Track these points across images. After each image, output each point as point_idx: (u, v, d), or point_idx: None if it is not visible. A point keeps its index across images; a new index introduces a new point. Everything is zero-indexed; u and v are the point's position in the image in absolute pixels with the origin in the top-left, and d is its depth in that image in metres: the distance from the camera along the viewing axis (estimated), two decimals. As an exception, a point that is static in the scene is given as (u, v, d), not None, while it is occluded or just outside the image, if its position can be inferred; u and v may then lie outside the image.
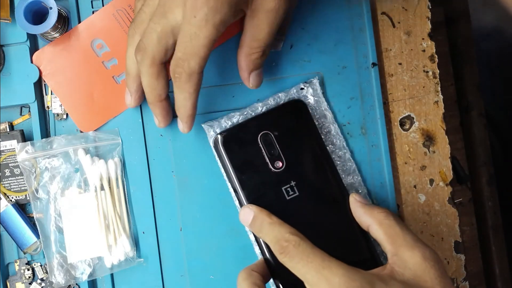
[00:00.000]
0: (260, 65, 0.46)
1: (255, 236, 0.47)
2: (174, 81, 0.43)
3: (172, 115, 0.49)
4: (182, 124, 0.47)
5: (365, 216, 0.44)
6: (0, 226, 0.51)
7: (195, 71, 0.42)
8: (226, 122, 0.51)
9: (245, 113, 0.51)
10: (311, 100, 0.52)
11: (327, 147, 0.51)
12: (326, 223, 0.47)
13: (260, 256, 0.51)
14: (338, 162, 0.52)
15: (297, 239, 0.40)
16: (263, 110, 0.51)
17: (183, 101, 0.44)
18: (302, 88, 0.52)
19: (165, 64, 0.45)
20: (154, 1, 0.44)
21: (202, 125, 0.51)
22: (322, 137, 0.51)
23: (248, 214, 0.45)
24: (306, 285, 0.38)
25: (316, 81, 0.52)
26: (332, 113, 0.52)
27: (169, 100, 0.48)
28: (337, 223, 0.47)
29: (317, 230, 0.47)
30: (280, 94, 0.52)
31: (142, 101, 0.50)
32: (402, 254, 0.39)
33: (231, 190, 0.49)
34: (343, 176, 0.51)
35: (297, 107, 0.50)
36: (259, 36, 0.43)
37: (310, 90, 0.52)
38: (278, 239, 0.41)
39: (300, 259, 0.39)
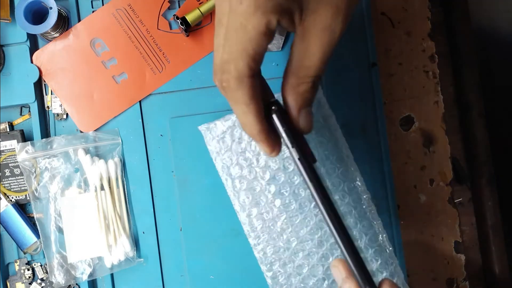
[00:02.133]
0: (310, 101, 0.36)
1: None
2: (224, 93, 0.35)
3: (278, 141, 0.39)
4: (258, 145, 0.37)
5: None
6: (0, 226, 0.51)
7: (244, 74, 0.33)
8: (223, 124, 0.51)
9: None
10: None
11: (327, 149, 0.51)
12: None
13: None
14: (338, 166, 0.52)
15: None
16: None
17: (242, 116, 0.36)
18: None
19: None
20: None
21: (199, 128, 0.51)
22: (325, 140, 0.51)
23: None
24: None
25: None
26: (333, 114, 0.52)
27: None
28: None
29: None
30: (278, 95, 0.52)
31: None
32: None
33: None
34: (344, 179, 0.51)
35: None
36: (309, 62, 0.34)
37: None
38: None
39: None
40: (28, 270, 0.51)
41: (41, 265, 0.52)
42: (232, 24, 0.33)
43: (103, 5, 0.53)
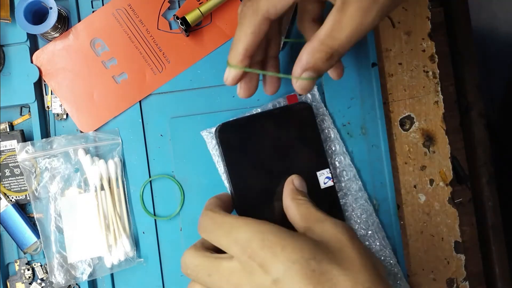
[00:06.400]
0: (319, 70, 0.39)
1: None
2: (239, 18, 0.39)
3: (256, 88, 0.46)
4: (227, 72, 0.42)
5: (288, 200, 0.42)
6: (0, 226, 0.51)
7: (261, 11, 0.37)
8: None
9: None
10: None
11: (328, 151, 0.51)
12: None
13: None
14: (338, 165, 0.52)
15: (206, 212, 0.40)
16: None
17: (236, 41, 0.40)
18: (300, 94, 0.52)
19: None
20: None
21: (201, 133, 0.51)
22: (324, 144, 0.51)
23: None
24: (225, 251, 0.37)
25: (314, 87, 0.52)
26: (331, 115, 0.52)
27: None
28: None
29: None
30: (280, 100, 0.52)
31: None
32: (314, 228, 0.37)
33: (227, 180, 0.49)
34: (341, 179, 0.51)
35: (302, 109, 0.50)
36: (337, 33, 0.36)
37: (309, 96, 0.52)
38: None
39: (211, 230, 0.38)
40: (28, 270, 0.51)
41: (41, 265, 0.52)
42: None
43: (103, 5, 0.53)
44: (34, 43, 0.52)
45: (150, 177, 0.52)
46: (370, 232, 0.52)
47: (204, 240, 0.40)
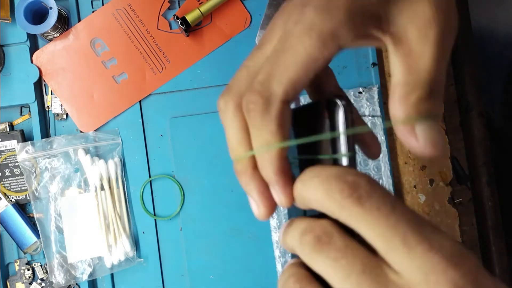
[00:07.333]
0: (428, 113, 0.27)
1: None
2: (248, 119, 0.28)
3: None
4: (274, 189, 0.28)
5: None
6: (0, 226, 0.51)
7: (277, 98, 0.27)
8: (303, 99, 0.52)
9: None
10: (365, 106, 0.53)
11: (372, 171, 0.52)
12: None
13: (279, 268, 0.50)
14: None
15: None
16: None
17: (263, 150, 0.28)
18: (360, 92, 0.53)
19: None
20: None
21: None
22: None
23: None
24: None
25: (375, 89, 0.53)
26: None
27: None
28: None
29: None
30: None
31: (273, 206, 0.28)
32: None
33: None
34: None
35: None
36: (418, 65, 0.27)
37: (367, 96, 0.53)
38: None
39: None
40: (28, 270, 0.51)
41: (41, 265, 0.52)
42: (280, 44, 0.27)
43: (103, 5, 0.53)
44: (34, 43, 0.52)
45: (150, 177, 0.52)
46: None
47: None
